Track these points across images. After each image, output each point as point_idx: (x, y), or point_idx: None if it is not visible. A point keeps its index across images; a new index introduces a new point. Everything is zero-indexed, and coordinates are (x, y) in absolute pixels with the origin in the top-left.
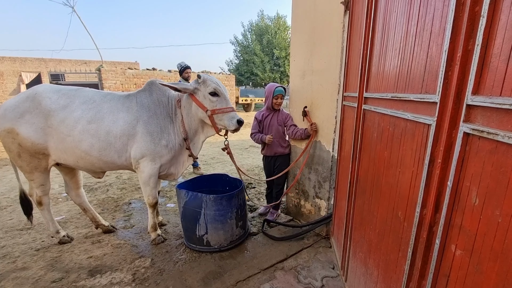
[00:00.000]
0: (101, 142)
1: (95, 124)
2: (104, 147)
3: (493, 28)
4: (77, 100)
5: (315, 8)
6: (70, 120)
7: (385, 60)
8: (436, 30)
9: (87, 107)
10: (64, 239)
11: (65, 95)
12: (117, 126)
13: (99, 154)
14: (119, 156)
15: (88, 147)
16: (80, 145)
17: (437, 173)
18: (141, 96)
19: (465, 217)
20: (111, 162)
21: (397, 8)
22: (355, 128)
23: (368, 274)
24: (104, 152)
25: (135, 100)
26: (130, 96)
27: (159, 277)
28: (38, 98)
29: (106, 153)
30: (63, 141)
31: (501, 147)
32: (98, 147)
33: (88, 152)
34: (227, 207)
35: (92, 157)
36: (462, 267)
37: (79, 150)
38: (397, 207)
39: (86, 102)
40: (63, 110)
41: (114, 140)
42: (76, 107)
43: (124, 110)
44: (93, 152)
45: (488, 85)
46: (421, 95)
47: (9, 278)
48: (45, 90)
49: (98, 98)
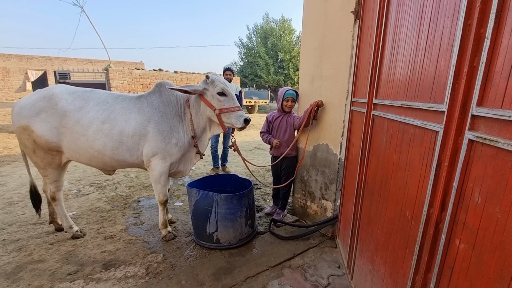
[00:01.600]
0: (114, 141)
1: (108, 124)
2: (117, 146)
3: (496, 49)
4: (91, 101)
5: (326, 16)
6: (85, 121)
7: (395, 70)
8: (445, 46)
9: (101, 108)
10: (77, 234)
11: (80, 97)
12: (129, 126)
13: (112, 153)
14: (131, 155)
15: (102, 146)
16: (93, 145)
17: (443, 176)
18: (151, 97)
19: (469, 214)
20: (122, 161)
21: (407, 22)
22: (364, 132)
23: (375, 271)
24: (116, 151)
25: (146, 102)
26: (141, 98)
27: (172, 272)
28: (55, 99)
29: (119, 152)
30: (77, 141)
31: (501, 152)
32: (111, 146)
33: (101, 151)
34: (238, 206)
35: (105, 156)
36: (465, 259)
37: (92, 149)
38: (405, 207)
39: (100, 104)
40: (78, 111)
41: (127, 139)
42: (91, 108)
43: (136, 111)
44: (106, 151)
45: (491, 98)
46: (430, 104)
47: (26, 269)
48: (62, 92)
49: (111, 100)
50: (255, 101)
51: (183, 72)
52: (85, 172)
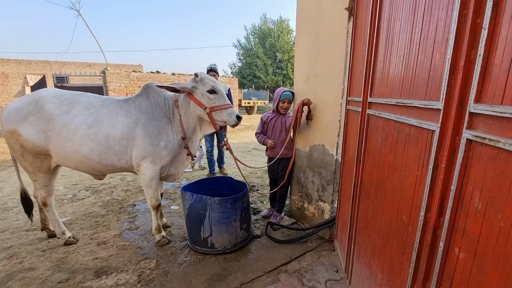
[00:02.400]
0: (101, 146)
1: (94, 128)
2: (104, 151)
3: (494, 40)
4: (78, 105)
5: (320, 14)
6: (71, 125)
7: (389, 66)
8: (440, 39)
9: (87, 112)
10: (70, 240)
11: (67, 100)
12: (116, 129)
13: (99, 158)
14: (119, 159)
15: (88, 151)
16: (80, 150)
17: (441, 178)
18: (139, 100)
19: (468, 220)
20: (111, 165)
21: (401, 15)
22: (359, 132)
23: (372, 277)
24: (103, 156)
25: (133, 104)
26: (128, 101)
27: (164, 279)
28: (42, 102)
29: (106, 157)
30: (64, 145)
31: (502, 153)
32: (98, 151)
33: (88, 156)
34: (232, 209)
35: (92, 161)
36: (465, 269)
37: (79, 155)
38: (401, 211)
39: (87, 108)
40: (65, 115)
41: (113, 143)
42: (78, 112)
43: (123, 114)
44: (93, 156)
45: (490, 94)
46: (425, 102)
47: (16, 278)
48: (48, 95)
49: (97, 103)
50: (254, 102)
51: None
52: (81, 176)
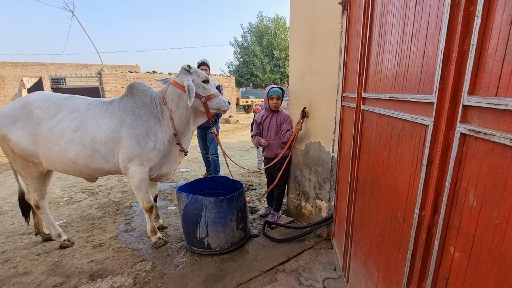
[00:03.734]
0: (87, 149)
1: (79, 132)
2: (90, 154)
3: (488, 28)
4: (64, 109)
5: (313, 9)
6: (57, 130)
7: (382, 61)
8: (432, 30)
9: (72, 116)
10: (65, 244)
11: (54, 104)
12: (101, 132)
13: (86, 162)
14: (107, 162)
15: (74, 155)
16: (66, 154)
17: (435, 174)
18: (124, 101)
19: (463, 218)
20: (99, 169)
21: (394, 7)
22: (354, 128)
23: (369, 276)
24: (90, 159)
25: (118, 105)
26: (113, 102)
27: (160, 281)
28: (30, 107)
29: (93, 160)
30: (51, 150)
31: (497, 148)
32: (84, 155)
33: (75, 160)
34: (228, 209)
35: (79, 165)
36: (461, 269)
37: (66, 159)
38: (396, 209)
39: (72, 111)
40: (51, 119)
41: (99, 146)
42: (63, 116)
43: (107, 116)
44: (80, 161)
45: (484, 85)
46: (418, 96)
47: (10, 283)
48: (37, 99)
49: (83, 107)
50: (252, 101)
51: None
52: (77, 178)
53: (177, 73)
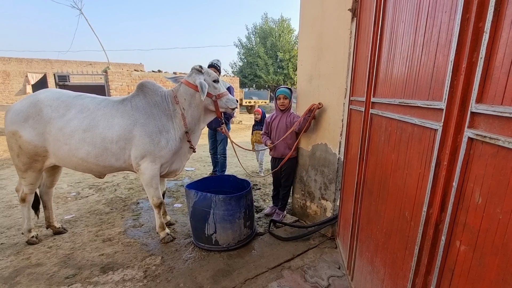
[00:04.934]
0: (97, 148)
1: (90, 132)
2: (101, 153)
3: (495, 44)
4: (73, 108)
5: (323, 15)
6: (67, 130)
7: (392, 67)
8: (443, 41)
9: (82, 115)
10: (32, 240)
11: (64, 103)
12: (112, 131)
13: (96, 160)
14: (117, 159)
15: (85, 155)
16: (77, 153)
17: (443, 175)
18: (135, 100)
19: (469, 215)
20: (109, 166)
21: (405, 18)
22: (362, 131)
23: (375, 272)
24: (101, 158)
25: (129, 105)
26: (124, 101)
27: (170, 274)
28: (40, 105)
29: (103, 158)
30: (60, 149)
31: (502, 151)
32: (95, 154)
33: (85, 159)
34: (236, 207)
35: (89, 163)
36: (466, 261)
37: (76, 158)
38: (404, 207)
39: (81, 111)
40: (61, 119)
41: (110, 145)
42: (73, 116)
43: (119, 116)
44: (90, 159)
45: (491, 94)
46: (428, 102)
47: (24, 273)
48: (46, 97)
49: (92, 106)
50: (255, 101)
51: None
52: (84, 174)
53: (181, 72)
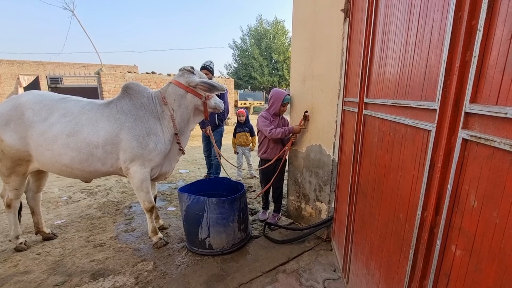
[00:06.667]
0: (82, 154)
1: (74, 137)
2: (86, 159)
3: (489, 42)
4: (56, 112)
5: (316, 15)
6: (49, 134)
7: (385, 67)
8: (435, 41)
9: (65, 120)
10: (21, 247)
11: (46, 106)
12: (98, 136)
13: (81, 166)
14: (103, 164)
15: (69, 161)
16: (60, 159)
17: (437, 177)
18: (121, 103)
19: (465, 218)
20: (95, 171)
21: (397, 17)
22: (356, 132)
23: (370, 276)
24: (86, 163)
25: (115, 108)
26: (110, 104)
27: (162, 280)
28: (21, 108)
29: (88, 164)
30: (42, 154)
31: (497, 152)
32: (79, 160)
33: (69, 165)
34: (230, 210)
35: (74, 169)
36: (462, 266)
37: (60, 164)
38: (398, 210)
39: (65, 115)
40: (43, 123)
41: (96, 150)
42: (56, 120)
43: (104, 120)
44: (75, 165)
45: (485, 94)
46: (421, 102)
47: (11, 282)
48: (28, 100)
49: (76, 110)
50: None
51: None
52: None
53: (175, 74)
